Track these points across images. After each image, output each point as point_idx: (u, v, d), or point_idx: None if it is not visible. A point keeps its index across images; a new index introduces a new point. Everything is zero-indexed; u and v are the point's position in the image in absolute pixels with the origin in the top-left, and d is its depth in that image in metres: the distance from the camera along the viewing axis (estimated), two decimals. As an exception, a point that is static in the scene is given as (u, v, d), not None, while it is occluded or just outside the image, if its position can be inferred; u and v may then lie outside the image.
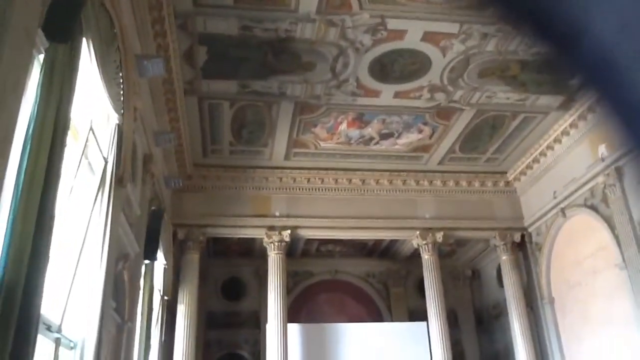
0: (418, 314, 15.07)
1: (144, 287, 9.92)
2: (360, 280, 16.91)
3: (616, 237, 11.04)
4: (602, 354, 11.58)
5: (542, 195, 13.56)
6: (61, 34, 4.69)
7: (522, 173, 14.25)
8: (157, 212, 10.52)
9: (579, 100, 11.35)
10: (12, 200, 4.08)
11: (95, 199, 6.47)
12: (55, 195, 4.50)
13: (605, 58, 0.69)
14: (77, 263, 5.92)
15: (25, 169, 4.17)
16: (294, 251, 15.03)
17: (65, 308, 5.56)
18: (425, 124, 12.51)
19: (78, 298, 6.03)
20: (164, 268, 11.89)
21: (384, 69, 10.45)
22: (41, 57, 4.56)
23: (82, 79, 5.39)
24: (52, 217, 4.48)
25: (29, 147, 4.21)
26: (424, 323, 13.80)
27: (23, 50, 4.20)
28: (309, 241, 15.05)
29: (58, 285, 5.62)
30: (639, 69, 0.67)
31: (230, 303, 15.88)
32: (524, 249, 14.29)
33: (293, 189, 14.07)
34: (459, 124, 12.49)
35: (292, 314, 14.19)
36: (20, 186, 4.13)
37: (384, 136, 12.92)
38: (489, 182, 14.62)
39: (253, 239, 14.25)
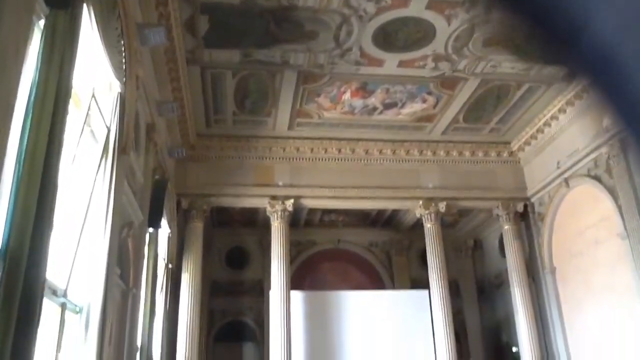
0: (420, 283, 15.21)
1: (148, 255, 10.02)
2: (363, 250, 17.04)
3: (619, 207, 11.07)
4: (603, 323, 11.71)
5: (546, 165, 13.55)
6: (61, 0, 4.66)
7: (526, 143, 14.21)
8: (161, 181, 10.57)
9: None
10: (15, 168, 4.11)
11: (99, 167, 6.51)
12: (58, 162, 4.52)
13: (605, 55, 0.69)
14: (82, 230, 5.98)
15: (28, 136, 4.19)
16: (297, 221, 15.13)
17: (70, 274, 5.64)
18: (429, 93, 12.44)
19: (83, 264, 6.11)
20: (168, 237, 12.00)
21: (387, 38, 10.35)
22: (41, 23, 4.54)
23: (84, 46, 5.37)
24: (55, 184, 4.51)
25: (31, 114, 4.22)
26: (426, 291, 13.93)
27: (22, 17, 4.18)
28: (312, 211, 15.13)
29: (63, 252, 5.70)
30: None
31: (234, 272, 16.06)
32: (527, 219, 14.33)
33: (296, 158, 14.09)
34: (463, 94, 12.42)
35: (296, 282, 14.35)
36: (23, 153, 4.16)
37: (388, 106, 12.87)
38: (493, 152, 14.59)
39: (256, 209, 14.32)
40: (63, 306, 5.49)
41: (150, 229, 10.10)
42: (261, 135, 13.84)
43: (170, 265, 12.28)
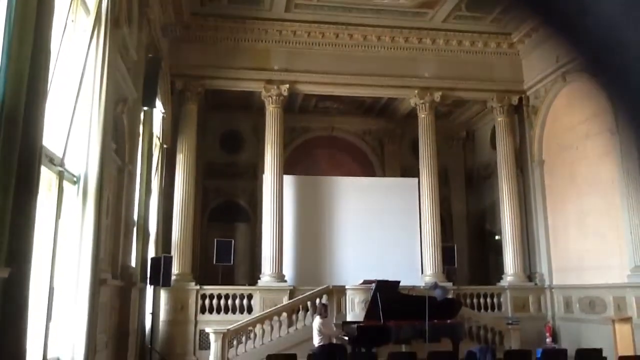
0: (411, 172, 15.45)
1: (143, 134, 10.10)
2: (356, 138, 17.17)
3: (612, 102, 11.08)
4: (583, 213, 12.15)
5: (545, 59, 13.37)
6: None
7: (527, 35, 13.93)
8: (154, 58, 10.42)
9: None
10: (4, 32, 4.05)
11: (91, 39, 6.40)
12: (50, 27, 4.46)
13: (608, 38, 0.68)
14: (76, 100, 6.00)
15: (15, 2, 4.10)
16: (291, 107, 15.08)
17: (66, 143, 5.73)
18: (432, -24, 11.98)
19: (79, 135, 6.19)
20: (162, 116, 12.03)
21: None
22: None
23: None
24: (47, 51, 4.48)
25: (18, -24, 4.10)
26: (416, 179, 14.25)
27: None
28: (307, 97, 15.05)
29: (59, 122, 5.75)
30: None
31: (229, 155, 16.24)
32: (521, 112, 14.38)
33: (293, 42, 13.82)
34: (467, -21, 11.99)
35: (289, 167, 14.58)
36: (12, 19, 4.08)
37: (389, -12, 12.43)
38: (492, 43, 14.33)
39: (252, 93, 14.24)
40: (60, 175, 5.63)
41: (145, 108, 10.10)
42: (257, 17, 13.47)
43: (165, 145, 12.43)
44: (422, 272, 13.51)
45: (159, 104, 11.28)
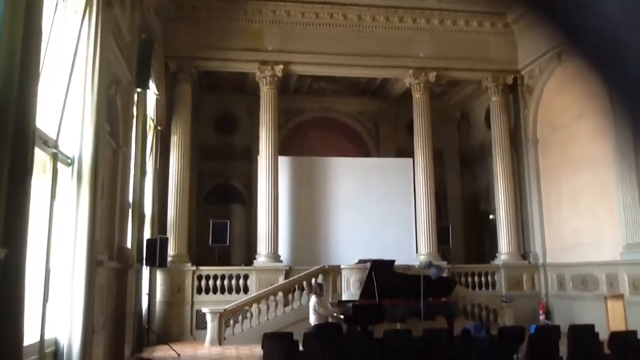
0: (405, 153, 15.48)
1: (137, 115, 10.07)
2: (351, 119, 17.14)
3: (609, 90, 11.07)
4: (577, 192, 12.22)
5: (540, 39, 13.31)
6: None
7: (522, 16, 13.86)
8: (148, 40, 10.35)
9: None
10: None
11: (83, 19, 6.35)
12: (41, 9, 4.43)
13: (609, 36, 0.67)
14: (69, 81, 5.97)
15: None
16: (286, 88, 15.04)
17: (60, 125, 5.71)
18: (427, -45, 11.88)
19: (73, 117, 6.17)
20: (156, 98, 11.97)
21: None
22: None
23: None
24: (39, 33, 4.46)
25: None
26: (410, 159, 14.27)
27: None
28: (301, 78, 14.99)
29: (52, 104, 5.73)
30: None
31: (223, 137, 16.20)
32: (515, 92, 14.38)
33: (286, 23, 13.72)
34: (462, -42, 11.90)
35: (284, 148, 14.60)
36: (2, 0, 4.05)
37: (383, -33, 12.32)
38: (487, 23, 14.28)
39: (246, 74, 14.18)
40: (54, 156, 5.62)
41: (139, 89, 10.06)
42: (250, -4, 13.36)
43: (159, 127, 12.39)
44: (416, 252, 13.60)
45: (152, 85, 11.24)
